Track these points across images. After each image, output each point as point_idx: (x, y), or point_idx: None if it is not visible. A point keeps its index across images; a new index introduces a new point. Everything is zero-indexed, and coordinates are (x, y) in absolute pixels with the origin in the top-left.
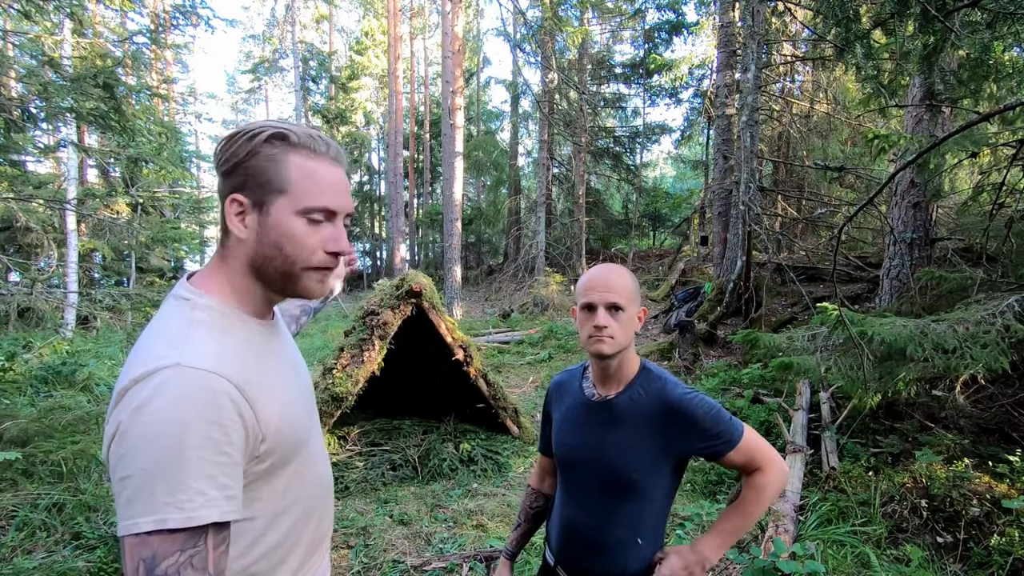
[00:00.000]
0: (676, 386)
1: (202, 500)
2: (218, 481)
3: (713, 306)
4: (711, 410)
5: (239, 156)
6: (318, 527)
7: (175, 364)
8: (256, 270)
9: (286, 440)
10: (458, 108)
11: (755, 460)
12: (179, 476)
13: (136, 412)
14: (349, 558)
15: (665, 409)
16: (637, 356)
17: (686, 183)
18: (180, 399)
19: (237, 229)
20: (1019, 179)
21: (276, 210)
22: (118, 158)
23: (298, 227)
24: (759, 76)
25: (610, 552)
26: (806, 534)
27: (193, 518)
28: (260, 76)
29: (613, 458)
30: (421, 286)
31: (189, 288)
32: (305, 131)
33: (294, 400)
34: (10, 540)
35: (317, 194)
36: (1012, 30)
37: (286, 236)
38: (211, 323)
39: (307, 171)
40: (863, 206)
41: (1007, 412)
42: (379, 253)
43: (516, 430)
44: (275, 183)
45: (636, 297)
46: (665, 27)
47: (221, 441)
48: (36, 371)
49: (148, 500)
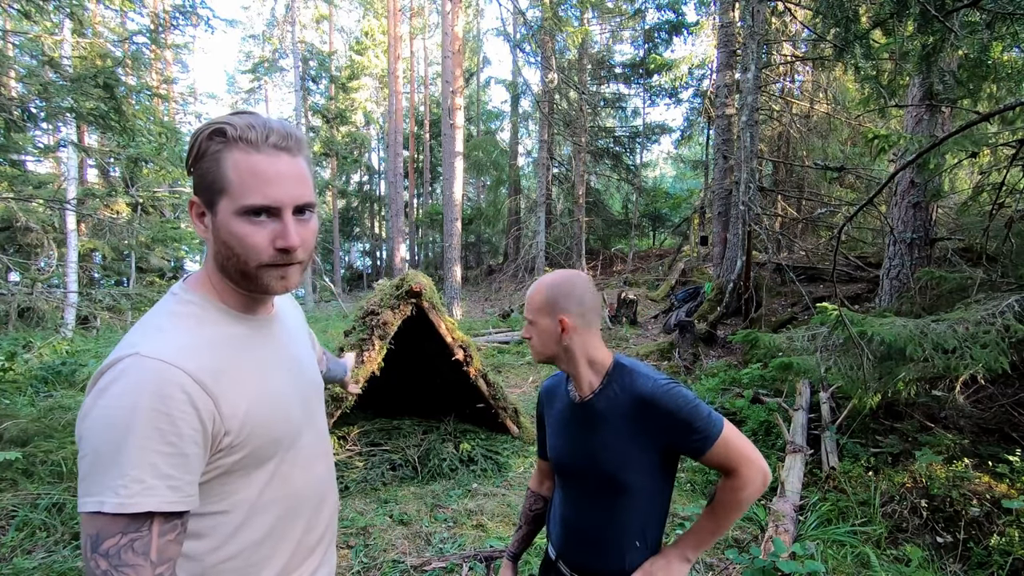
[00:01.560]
0: (648, 379)
1: (139, 488)
2: (160, 471)
3: (713, 306)
4: (687, 403)
5: (193, 157)
6: (308, 529)
7: (135, 354)
8: (222, 268)
9: (260, 435)
10: (458, 108)
11: (732, 460)
12: (119, 462)
13: (96, 396)
14: (349, 558)
15: (640, 403)
16: (606, 355)
17: (686, 183)
18: (132, 387)
19: (199, 230)
20: (1019, 179)
21: (221, 211)
22: (118, 158)
23: (241, 227)
24: (759, 76)
25: (608, 550)
26: (806, 534)
27: (126, 504)
28: (260, 76)
29: (600, 459)
30: (421, 286)
31: (181, 285)
32: (244, 122)
33: (278, 396)
34: (10, 540)
35: (254, 192)
36: (1011, 30)
37: (233, 236)
38: (189, 315)
39: (244, 168)
40: (863, 206)
41: (1007, 412)
42: (379, 253)
43: (516, 430)
44: (218, 183)
45: (549, 307)
46: (665, 27)
47: (167, 431)
48: (36, 371)
49: (93, 482)
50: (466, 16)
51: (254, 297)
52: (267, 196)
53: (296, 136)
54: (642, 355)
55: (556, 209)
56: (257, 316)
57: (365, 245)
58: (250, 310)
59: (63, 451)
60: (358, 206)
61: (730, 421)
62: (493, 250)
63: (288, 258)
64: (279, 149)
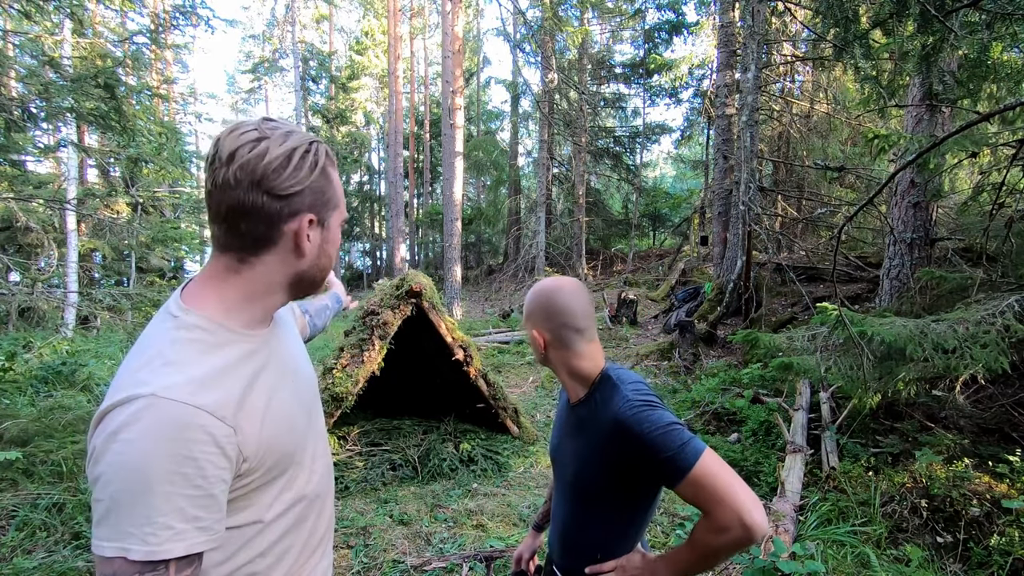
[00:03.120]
0: (626, 400)
1: (168, 535)
2: (188, 514)
3: (713, 306)
4: (656, 428)
5: (302, 171)
6: (312, 530)
7: (150, 395)
8: (295, 284)
9: (275, 452)
10: (458, 108)
11: (704, 500)
12: (145, 510)
13: (109, 439)
14: (349, 558)
15: (614, 425)
16: (592, 367)
17: (686, 183)
18: (150, 432)
19: (304, 247)
20: (1019, 179)
21: (333, 224)
22: (118, 158)
23: (338, 236)
24: (759, 76)
25: (582, 552)
26: (806, 534)
27: (156, 552)
28: (260, 76)
29: (575, 464)
30: (421, 286)
31: (179, 304)
32: (322, 140)
33: (286, 411)
34: (10, 540)
35: (343, 203)
36: (1011, 30)
37: (335, 247)
38: (197, 342)
39: (336, 181)
40: (863, 206)
41: (1007, 412)
42: (379, 253)
43: (516, 430)
44: (333, 199)
45: (528, 318)
46: (665, 27)
47: (193, 475)
48: (36, 371)
49: (114, 527)
50: (466, 16)
51: (267, 311)
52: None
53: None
54: (642, 355)
55: (556, 209)
56: (261, 331)
57: (365, 245)
58: (256, 326)
59: (63, 451)
60: (358, 206)
61: (730, 421)
62: (493, 250)
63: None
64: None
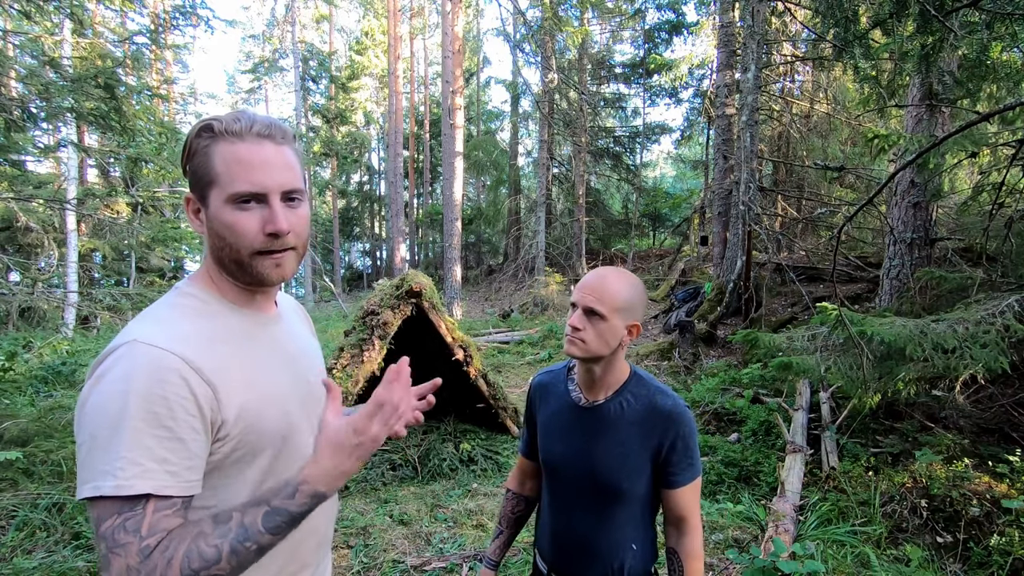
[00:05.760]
0: (668, 396)
1: (137, 471)
2: (155, 454)
3: (713, 306)
4: (693, 435)
5: (186, 156)
6: (312, 531)
7: (132, 340)
8: (219, 262)
9: (255, 429)
10: (458, 108)
11: (688, 517)
12: (114, 445)
13: (94, 383)
14: (349, 558)
15: (656, 416)
16: (627, 364)
17: (686, 183)
18: (127, 372)
19: (195, 227)
20: (1019, 179)
21: (212, 202)
22: (118, 158)
23: (231, 215)
24: (759, 76)
25: (604, 557)
26: (806, 534)
27: (124, 487)
28: (260, 76)
29: (603, 466)
30: (421, 286)
31: (184, 281)
32: (230, 116)
33: (274, 391)
34: (10, 540)
35: (240, 179)
36: (1010, 30)
37: (224, 226)
38: (189, 307)
39: (230, 157)
40: (863, 206)
41: (1007, 412)
42: (379, 253)
43: (516, 430)
44: (208, 176)
45: (628, 309)
46: (665, 27)
47: (163, 415)
48: (36, 371)
49: (89, 467)
50: (466, 16)
51: (252, 290)
52: (252, 182)
53: (280, 127)
54: (642, 355)
55: (556, 209)
56: (257, 312)
57: (365, 245)
58: (249, 304)
59: (63, 451)
60: (358, 206)
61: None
62: (493, 250)
63: (280, 244)
64: (263, 137)
